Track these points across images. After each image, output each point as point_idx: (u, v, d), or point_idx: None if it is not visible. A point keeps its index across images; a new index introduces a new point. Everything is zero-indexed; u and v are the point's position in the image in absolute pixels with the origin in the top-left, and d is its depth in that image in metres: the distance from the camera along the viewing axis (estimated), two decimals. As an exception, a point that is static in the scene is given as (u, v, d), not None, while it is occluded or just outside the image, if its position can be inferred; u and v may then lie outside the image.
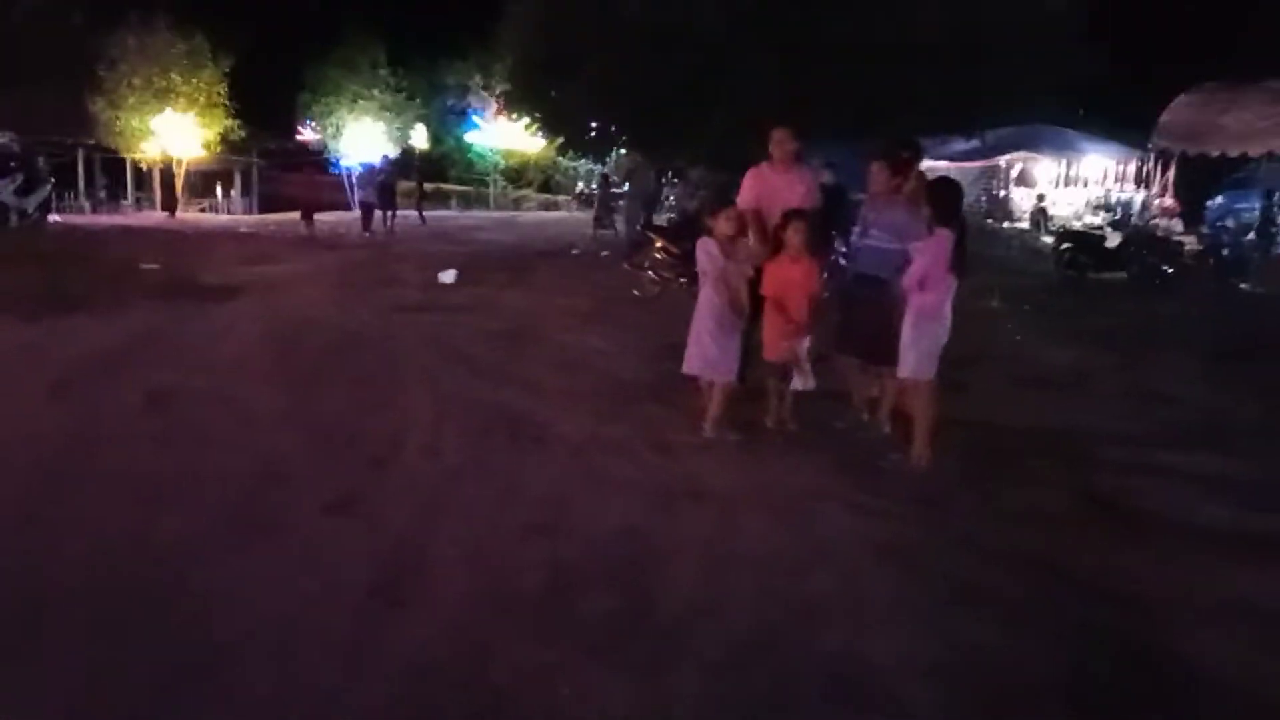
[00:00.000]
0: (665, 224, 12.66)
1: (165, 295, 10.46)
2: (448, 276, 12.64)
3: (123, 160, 31.31)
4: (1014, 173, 26.93)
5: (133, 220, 25.13)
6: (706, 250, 5.68)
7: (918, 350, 5.18)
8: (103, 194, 31.74)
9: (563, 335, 8.95)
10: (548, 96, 20.12)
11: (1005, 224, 25.06)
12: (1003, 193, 26.86)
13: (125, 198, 32.87)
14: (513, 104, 23.88)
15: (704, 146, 17.48)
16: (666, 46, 15.86)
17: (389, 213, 21.57)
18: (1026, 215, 25.10)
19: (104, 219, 25.02)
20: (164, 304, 9.90)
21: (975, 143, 24.28)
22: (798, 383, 5.80)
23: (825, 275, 6.38)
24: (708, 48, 15.86)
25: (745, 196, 6.56)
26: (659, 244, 11.62)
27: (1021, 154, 25.97)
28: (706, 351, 5.70)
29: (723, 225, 5.66)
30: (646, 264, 11.74)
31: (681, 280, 11.29)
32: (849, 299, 6.13)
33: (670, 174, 26.28)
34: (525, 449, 5.35)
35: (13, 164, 18.25)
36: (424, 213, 26.60)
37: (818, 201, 6.63)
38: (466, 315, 9.98)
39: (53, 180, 18.80)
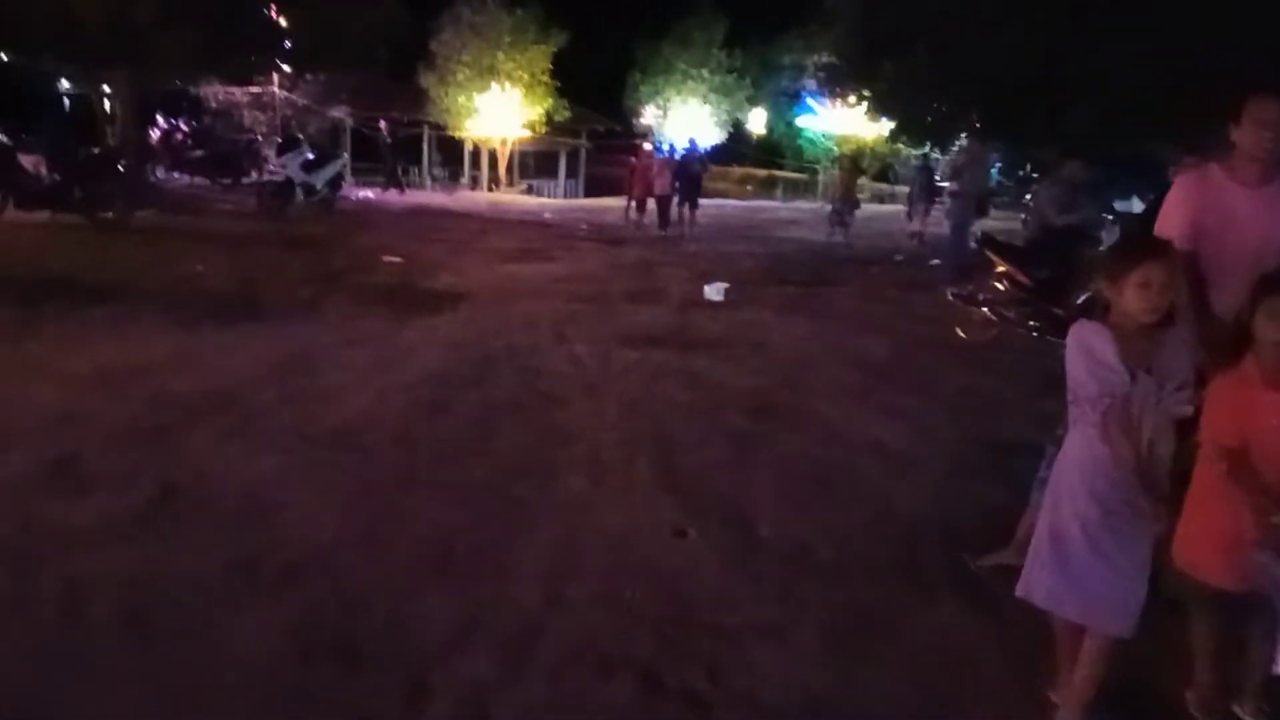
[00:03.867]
0: (1015, 242, 9.10)
1: (372, 300, 8.74)
2: (715, 292, 10.01)
3: (461, 139, 31.80)
4: None
5: (444, 200, 24.87)
6: (1087, 347, 2.58)
7: None
8: (436, 171, 32.48)
9: (832, 408, 5.99)
10: (881, 72, 16.91)
11: None
12: None
13: (463, 176, 33.55)
14: (839, 80, 20.79)
15: (1068, 136, 13.56)
16: (1025, 14, 12.21)
17: (690, 208, 18.52)
18: None
19: (419, 197, 24.98)
20: (357, 314, 8.13)
21: None
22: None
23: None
24: (1076, 13, 12.01)
25: (1171, 224, 3.39)
26: (1001, 268, 8.21)
27: None
28: (1073, 571, 2.58)
29: (1135, 298, 2.49)
30: (981, 295, 8.37)
31: (1032, 325, 7.85)
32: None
33: (1028, 170, 21.84)
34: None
35: (300, 139, 18.15)
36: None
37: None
38: (711, 358, 7.28)
39: (345, 155, 18.34)
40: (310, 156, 17.09)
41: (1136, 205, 20.82)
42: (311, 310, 8.13)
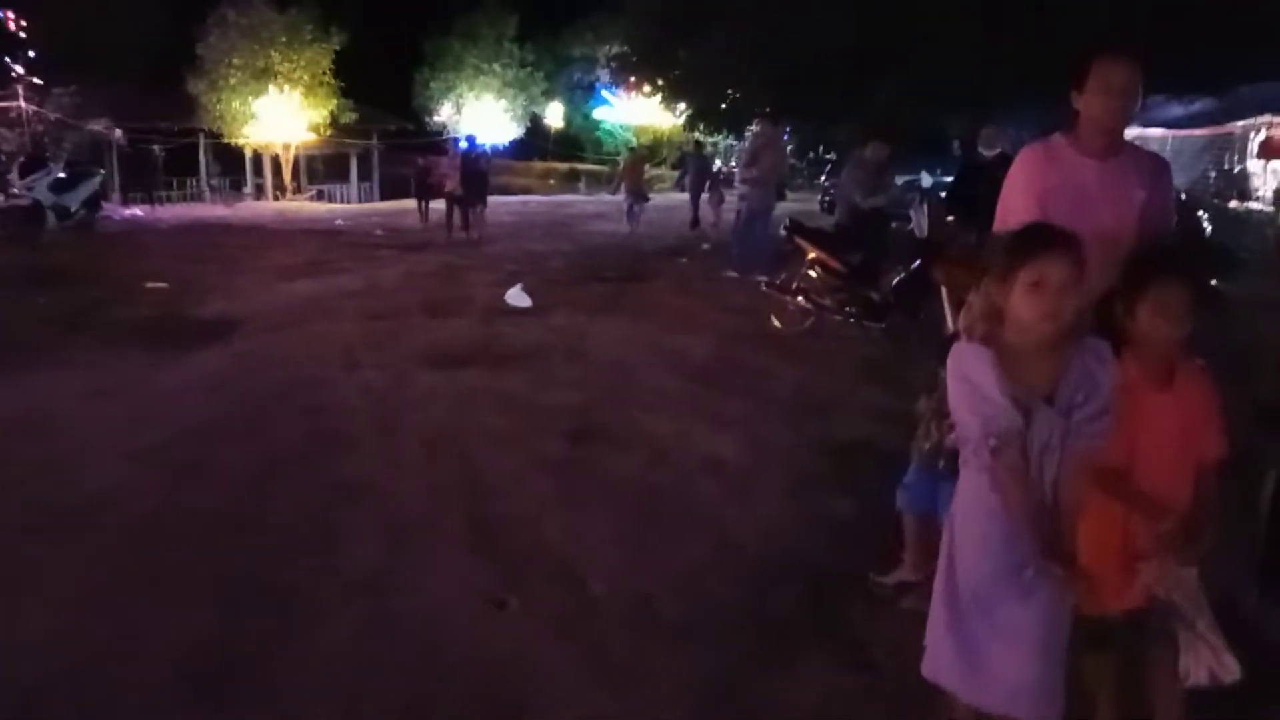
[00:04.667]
0: (822, 227, 8.93)
1: (128, 338, 7.59)
2: (518, 298, 9.36)
3: (240, 147, 29.56)
4: (1254, 141, 21.74)
5: (223, 212, 23.02)
6: (964, 376, 2.13)
7: None
8: (214, 182, 30.11)
9: (659, 422, 5.50)
10: (675, 58, 16.73)
11: (1241, 204, 20.15)
12: (1239, 166, 21.75)
13: (245, 185, 31.27)
14: (632, 68, 20.54)
15: (869, 117, 13.78)
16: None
17: (478, 207, 17.20)
18: (1270, 194, 20.06)
19: (196, 211, 23.06)
20: (108, 357, 6.97)
21: (1200, 105, 19.57)
22: (1195, 670, 2.25)
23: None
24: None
25: (1016, 206, 3.05)
26: (812, 255, 7.98)
27: (1267, 117, 20.78)
28: (972, 647, 2.12)
29: (1027, 304, 2.04)
30: (795, 284, 8.12)
31: (849, 312, 7.66)
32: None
33: (820, 151, 22.27)
34: None
35: (48, 157, 16.19)
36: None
37: (1170, 223, 3.10)
38: (523, 373, 6.65)
39: (101, 172, 16.47)
40: (61, 175, 15.16)
41: (925, 178, 21.69)
42: (53, 356, 6.90)
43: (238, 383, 6.33)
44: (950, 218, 7.36)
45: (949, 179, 22.33)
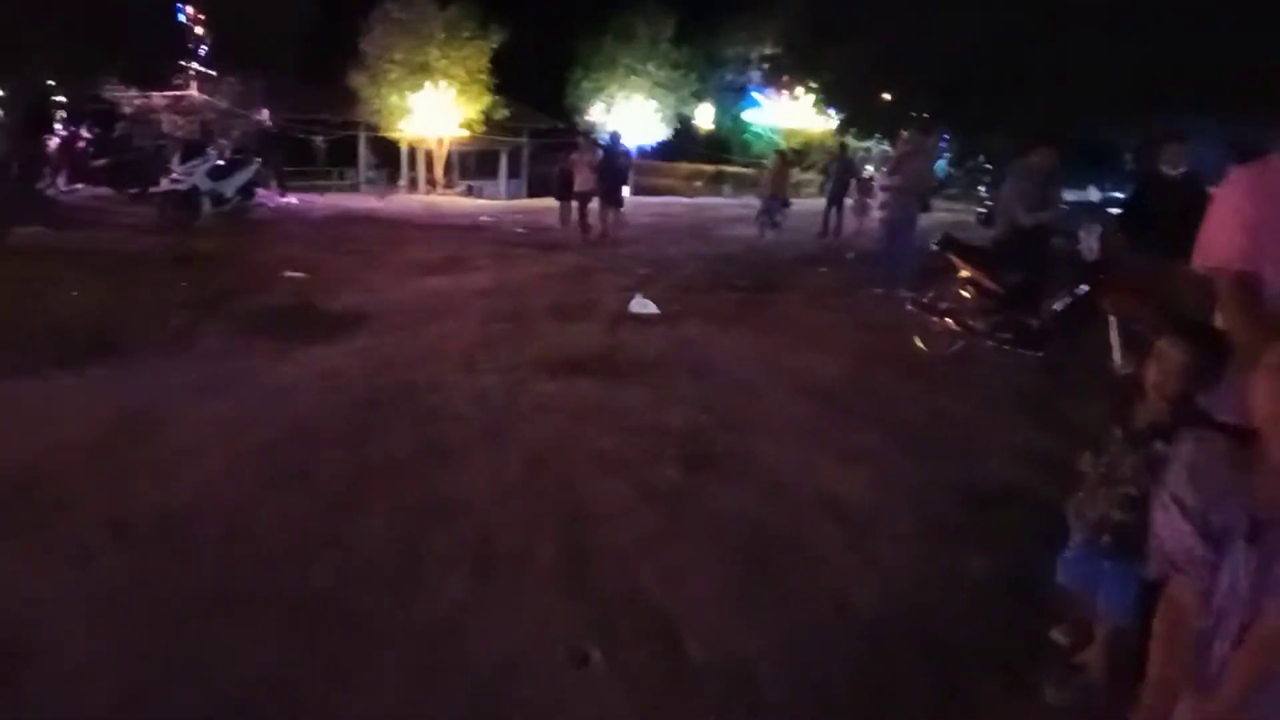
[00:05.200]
0: (980, 243, 8.22)
1: (256, 328, 7.66)
2: (643, 306, 9.03)
3: (395, 141, 30.50)
4: None
5: (375, 204, 23.62)
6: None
7: None
8: (371, 174, 31.17)
9: (781, 451, 5.06)
10: (827, 61, 16.13)
11: None
12: None
13: (400, 178, 32.28)
14: (783, 71, 19.96)
15: (1027, 124, 12.88)
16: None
17: (612, 208, 16.32)
18: None
19: (350, 202, 23.73)
20: (232, 346, 7.05)
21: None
22: None
23: None
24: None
25: (1223, 241, 2.49)
26: (966, 273, 7.34)
27: None
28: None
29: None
30: (943, 304, 7.49)
31: (1002, 338, 7.00)
32: None
33: (979, 160, 21.21)
34: None
35: (207, 145, 16.88)
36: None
37: None
38: (642, 387, 6.31)
39: (258, 160, 17.02)
40: (219, 163, 15.78)
41: (1093, 194, 20.27)
42: (179, 344, 7.02)
43: (355, 382, 6.23)
44: (1123, 240, 6.62)
45: (1118, 194, 20.83)
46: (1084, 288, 6.54)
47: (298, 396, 5.86)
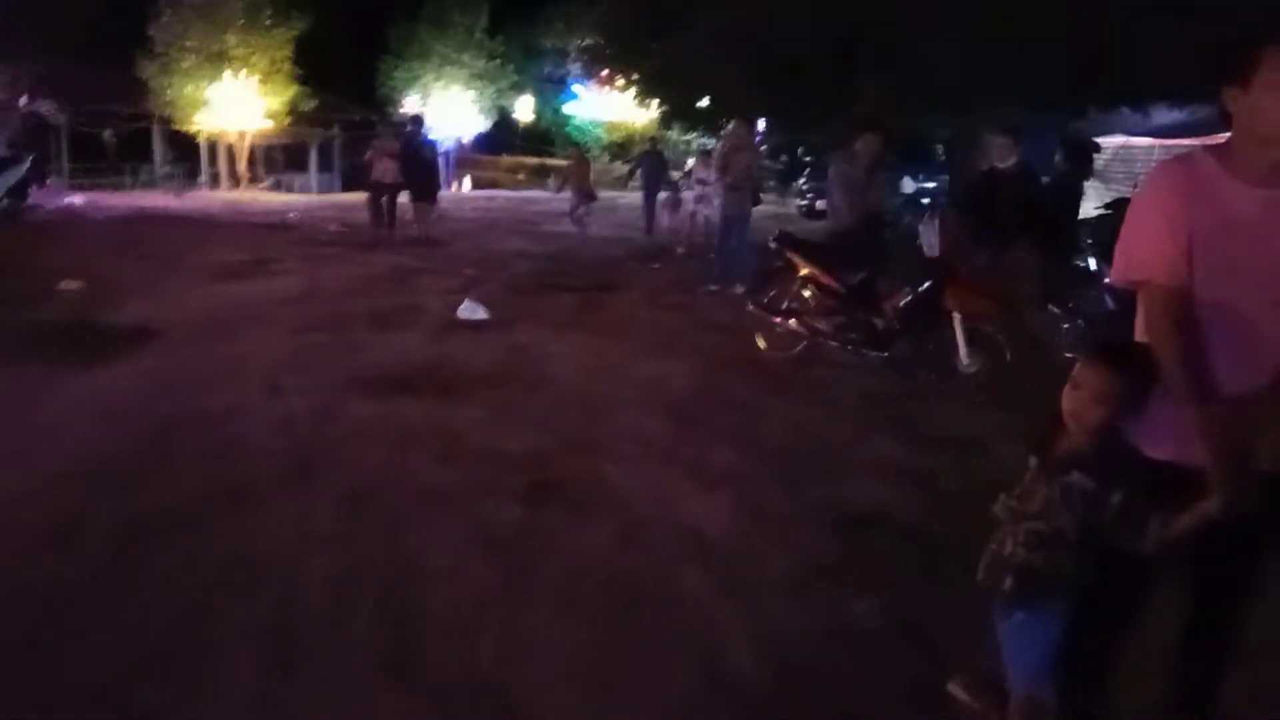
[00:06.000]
0: (815, 239, 8.02)
1: (22, 349, 6.58)
2: (472, 311, 8.38)
3: (194, 134, 28.22)
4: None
5: (171, 203, 21.76)
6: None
7: None
8: (166, 169, 28.74)
9: (632, 478, 4.59)
10: (650, 51, 15.83)
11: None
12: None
13: (200, 174, 29.96)
14: (604, 61, 19.60)
15: (855, 116, 12.97)
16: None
17: (425, 204, 14.90)
18: None
19: (143, 200, 21.76)
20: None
21: (1181, 114, 18.98)
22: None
23: None
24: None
25: (1150, 248, 2.13)
26: (805, 271, 7.09)
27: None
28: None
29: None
30: (785, 304, 7.23)
31: (849, 339, 6.79)
32: None
33: (797, 153, 21.55)
34: None
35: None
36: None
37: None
38: (472, 405, 5.71)
39: (31, 158, 15.14)
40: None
41: (907, 185, 20.91)
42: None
43: (137, 410, 5.33)
44: (962, 234, 6.53)
45: (929, 184, 21.58)
46: (926, 285, 6.40)
47: (69, 430, 4.95)
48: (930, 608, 3.33)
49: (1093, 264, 7.98)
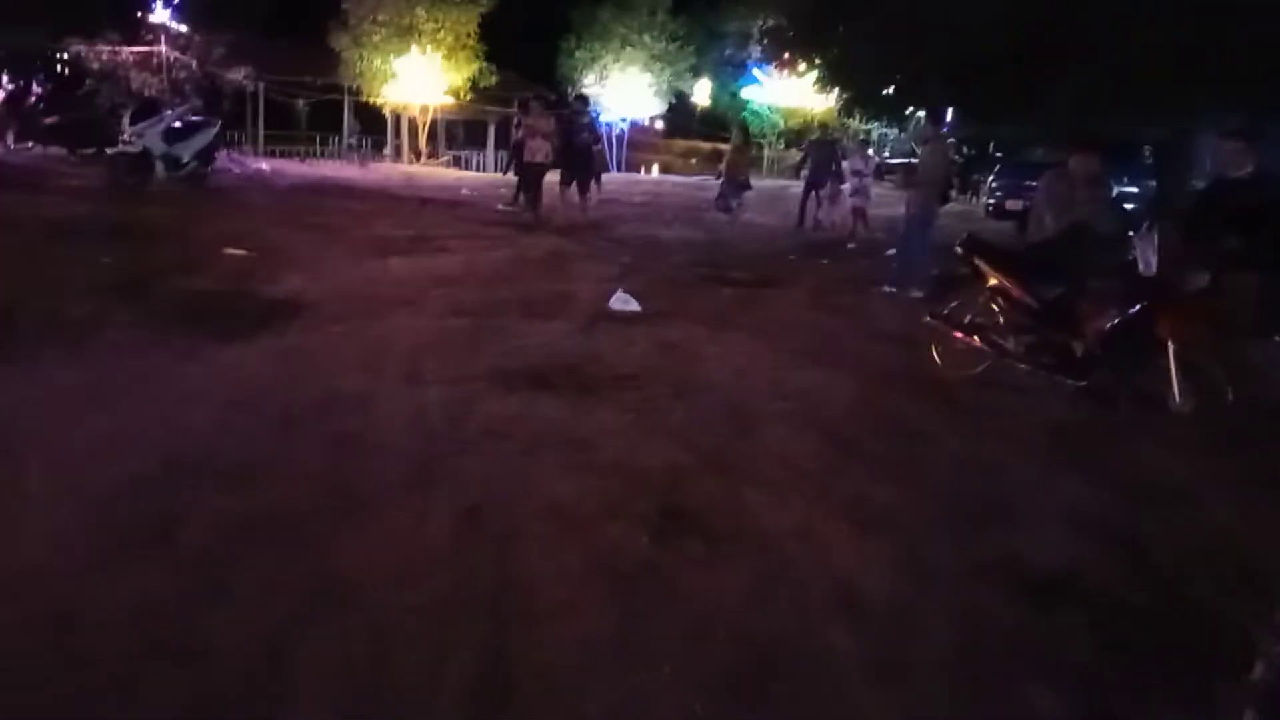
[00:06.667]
0: (1007, 246, 7.18)
1: (174, 318, 6.60)
2: (624, 303, 7.99)
3: (380, 107, 29.20)
4: None
5: (353, 173, 22.48)
6: None
7: None
8: (353, 140, 29.87)
9: (778, 511, 4.04)
10: (832, 37, 15.03)
11: None
12: None
13: (385, 146, 31.06)
14: (784, 46, 18.85)
15: (1051, 115, 11.85)
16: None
17: (575, 187, 14.47)
18: None
19: (327, 170, 22.63)
20: (138, 341, 5.98)
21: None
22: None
23: None
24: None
25: None
26: (993, 282, 6.30)
27: None
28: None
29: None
30: (969, 318, 6.47)
31: (1041, 362, 6.00)
32: None
33: (990, 150, 20.27)
34: None
35: (161, 104, 15.70)
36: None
37: None
38: (615, 409, 5.29)
39: (218, 123, 15.74)
40: (177, 125, 14.57)
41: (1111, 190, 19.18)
42: (76, 334, 5.94)
43: (268, 393, 5.18)
44: (1185, 251, 5.61)
45: (1132, 189, 19.77)
46: (1138, 307, 5.53)
47: (194, 411, 4.81)
48: (1127, 703, 2.68)
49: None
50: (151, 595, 3.04)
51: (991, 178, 19.49)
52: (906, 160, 34.54)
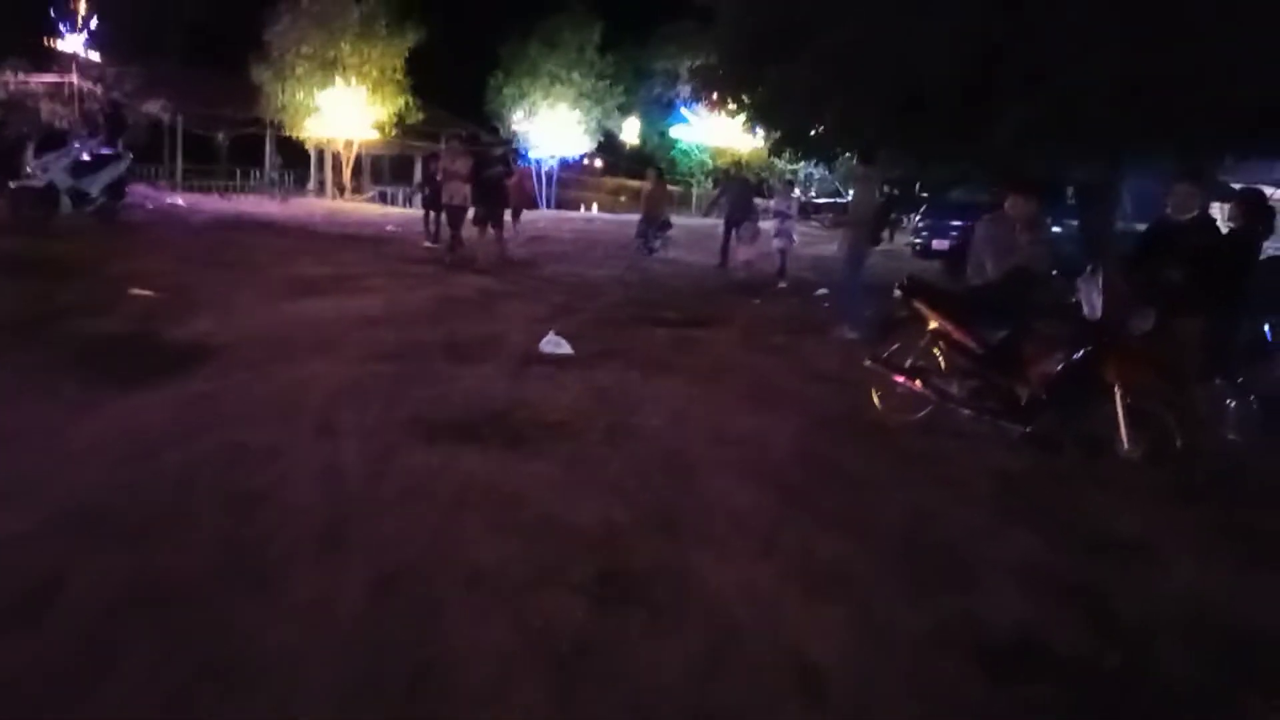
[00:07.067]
0: (949, 289, 7.09)
1: (69, 363, 6.13)
2: (555, 345, 7.69)
3: (303, 141, 28.56)
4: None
5: (272, 209, 21.81)
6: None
7: None
8: (275, 175, 29.16)
9: (724, 572, 3.75)
10: (764, 76, 14.99)
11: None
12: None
13: (308, 181, 30.38)
14: (713, 85, 18.87)
15: (989, 152, 11.87)
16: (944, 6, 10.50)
17: (491, 225, 14.08)
18: None
19: (247, 205, 21.95)
20: (27, 388, 5.50)
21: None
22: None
23: None
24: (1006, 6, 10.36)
25: None
26: (934, 324, 6.16)
27: None
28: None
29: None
30: (909, 359, 6.30)
31: (982, 405, 5.85)
32: None
33: (915, 188, 20.50)
34: None
35: (68, 136, 15.01)
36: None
37: None
38: (542, 460, 4.97)
39: (129, 156, 15.06)
40: (85, 158, 13.87)
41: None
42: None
43: (168, 447, 4.74)
44: (1129, 294, 5.53)
45: (1057, 229, 20.17)
46: (1084, 351, 5.42)
47: (86, 467, 4.37)
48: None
49: (1269, 332, 6.87)
50: (19, 674, 2.64)
51: (918, 217, 19.76)
52: (832, 200, 35.10)
